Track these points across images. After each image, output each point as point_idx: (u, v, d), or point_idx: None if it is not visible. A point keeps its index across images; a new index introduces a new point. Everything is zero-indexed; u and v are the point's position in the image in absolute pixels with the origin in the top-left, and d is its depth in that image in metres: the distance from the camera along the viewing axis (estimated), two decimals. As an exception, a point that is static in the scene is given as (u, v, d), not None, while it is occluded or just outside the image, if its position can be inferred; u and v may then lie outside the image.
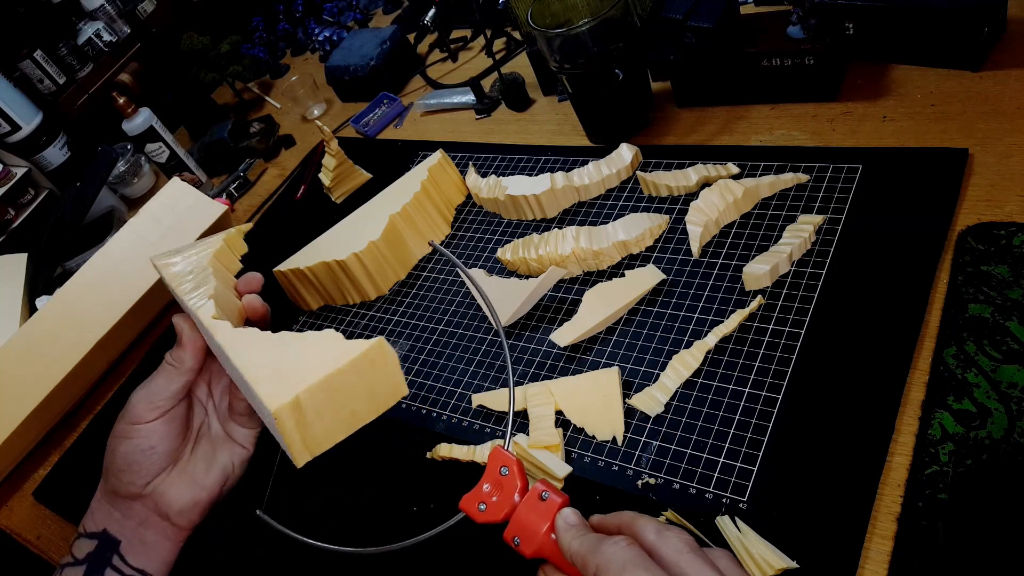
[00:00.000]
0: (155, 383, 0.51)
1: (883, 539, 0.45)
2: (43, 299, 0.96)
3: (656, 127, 0.79)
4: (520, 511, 0.42)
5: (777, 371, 0.54)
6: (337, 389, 0.43)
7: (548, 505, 0.41)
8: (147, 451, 0.49)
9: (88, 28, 1.25)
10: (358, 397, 0.44)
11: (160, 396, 0.50)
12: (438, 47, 1.14)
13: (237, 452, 0.52)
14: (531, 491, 0.43)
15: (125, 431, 0.50)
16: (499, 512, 0.43)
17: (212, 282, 0.52)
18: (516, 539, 0.42)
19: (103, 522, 0.50)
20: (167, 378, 0.51)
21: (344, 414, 0.44)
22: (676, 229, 0.68)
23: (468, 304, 0.72)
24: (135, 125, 1.08)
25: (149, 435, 0.50)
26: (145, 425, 0.50)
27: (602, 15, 0.68)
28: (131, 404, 0.50)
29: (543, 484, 0.43)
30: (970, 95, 0.65)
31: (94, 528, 0.50)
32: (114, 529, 0.50)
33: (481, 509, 0.44)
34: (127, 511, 0.50)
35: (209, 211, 0.91)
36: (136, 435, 0.50)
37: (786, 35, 0.70)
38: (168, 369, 0.51)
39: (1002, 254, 0.53)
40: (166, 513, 0.50)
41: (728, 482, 0.50)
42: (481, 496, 0.44)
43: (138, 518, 0.50)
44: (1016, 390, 0.47)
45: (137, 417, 0.50)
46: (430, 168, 0.81)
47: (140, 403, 0.50)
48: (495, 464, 0.45)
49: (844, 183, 0.63)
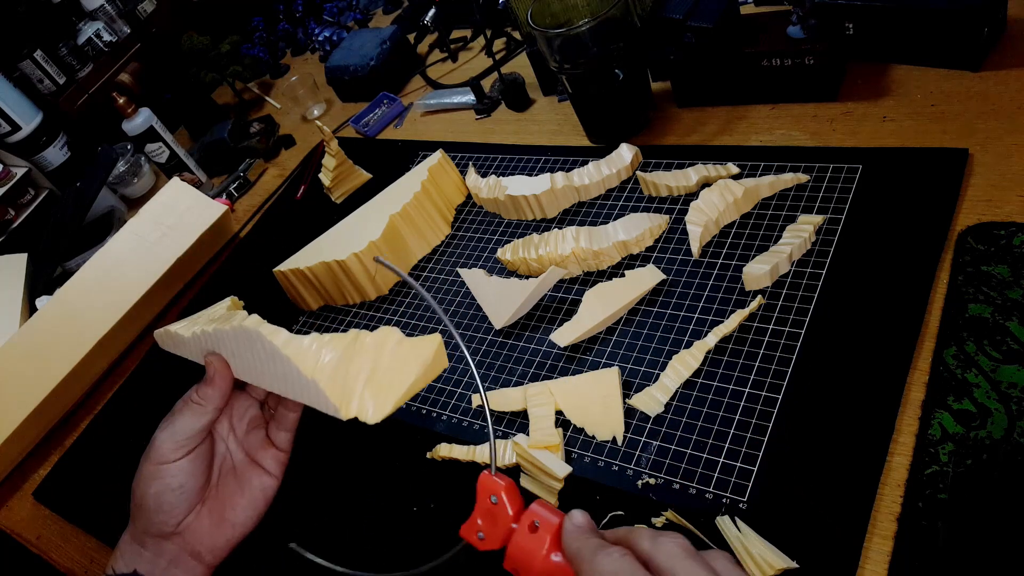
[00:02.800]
0: (179, 422, 0.50)
1: (883, 539, 0.45)
2: (43, 299, 0.96)
3: (656, 127, 0.79)
4: (514, 541, 0.41)
5: (777, 371, 0.54)
6: (410, 390, 0.44)
7: (541, 533, 0.40)
8: (176, 490, 0.49)
9: (88, 28, 1.26)
10: (418, 381, 0.45)
11: (185, 435, 0.50)
12: (438, 47, 1.14)
13: (267, 483, 0.52)
14: (524, 516, 0.42)
15: (153, 472, 0.50)
16: (497, 540, 0.42)
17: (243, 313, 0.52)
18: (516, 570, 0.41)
19: (133, 563, 0.50)
20: (193, 416, 0.50)
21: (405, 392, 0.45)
22: (676, 229, 0.68)
23: (468, 304, 0.72)
24: (135, 125, 1.08)
25: (177, 474, 0.50)
26: (172, 464, 0.50)
27: (602, 15, 0.68)
28: (155, 444, 0.50)
29: (539, 506, 0.42)
30: (970, 95, 0.65)
31: (124, 570, 0.50)
32: (144, 569, 0.50)
33: (480, 537, 0.43)
34: (158, 551, 0.50)
35: (209, 211, 0.92)
36: (165, 475, 0.49)
37: (786, 35, 0.70)
38: (193, 408, 0.51)
39: (1002, 254, 0.53)
40: (198, 551, 0.50)
41: (728, 482, 0.50)
42: (477, 526, 0.44)
43: (168, 556, 0.50)
44: (1016, 390, 0.47)
45: (163, 457, 0.50)
46: (430, 168, 0.81)
47: (165, 443, 0.50)
48: (484, 494, 0.44)
49: (844, 183, 0.63)
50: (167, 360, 0.87)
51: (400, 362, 0.45)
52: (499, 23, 1.04)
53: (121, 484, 0.51)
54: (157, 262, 0.88)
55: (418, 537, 0.57)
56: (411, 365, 0.44)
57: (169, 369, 0.86)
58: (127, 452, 0.80)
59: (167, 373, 0.86)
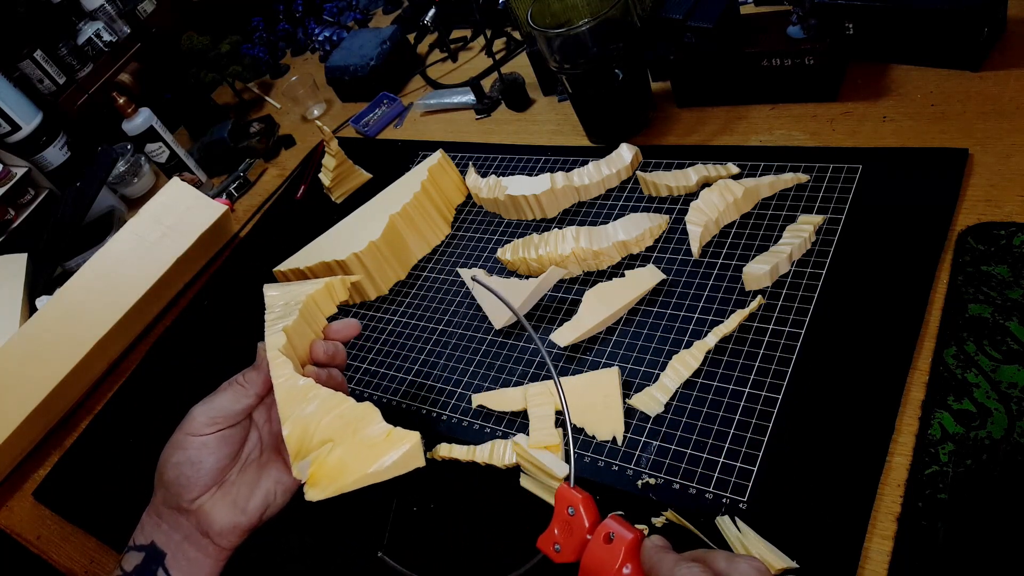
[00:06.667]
0: (219, 399, 0.52)
1: (883, 539, 0.45)
2: (43, 299, 0.96)
3: (656, 127, 0.79)
4: (589, 551, 0.42)
5: (777, 371, 0.54)
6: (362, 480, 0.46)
7: (616, 545, 0.41)
8: (195, 464, 0.50)
9: (88, 28, 1.26)
10: (377, 475, 0.47)
11: (221, 412, 0.51)
12: (438, 47, 1.14)
13: (283, 481, 0.53)
14: (599, 529, 0.42)
15: (179, 441, 0.51)
16: (572, 552, 0.43)
17: (294, 316, 0.53)
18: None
19: (151, 535, 0.51)
20: (232, 397, 0.52)
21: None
22: (676, 229, 0.68)
23: (468, 304, 0.72)
24: (135, 125, 1.08)
25: (200, 448, 0.50)
26: (199, 438, 0.50)
27: (602, 15, 0.68)
28: (191, 416, 0.51)
29: (614, 520, 0.43)
30: (970, 95, 0.65)
31: (143, 541, 0.51)
32: (161, 542, 0.51)
33: (557, 550, 0.44)
34: (174, 524, 0.51)
35: (209, 211, 0.92)
36: (189, 446, 0.50)
37: (786, 35, 0.70)
38: (236, 388, 0.52)
39: (1002, 254, 0.53)
40: (207, 531, 0.50)
41: (728, 482, 0.50)
42: (554, 537, 0.44)
43: (183, 532, 0.51)
44: (1016, 390, 0.47)
45: (194, 429, 0.50)
46: (430, 168, 0.81)
47: (200, 416, 0.51)
48: (562, 505, 0.45)
49: (844, 183, 0.63)
50: (167, 360, 0.87)
51: (367, 449, 0.46)
52: (499, 23, 1.04)
53: (121, 484, 0.51)
54: (157, 262, 0.88)
55: (418, 537, 0.57)
56: (375, 456, 0.46)
57: (169, 369, 0.87)
58: (127, 452, 0.80)
59: (167, 373, 0.86)
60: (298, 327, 0.54)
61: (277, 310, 0.55)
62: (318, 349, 0.55)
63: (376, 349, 0.73)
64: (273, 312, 0.55)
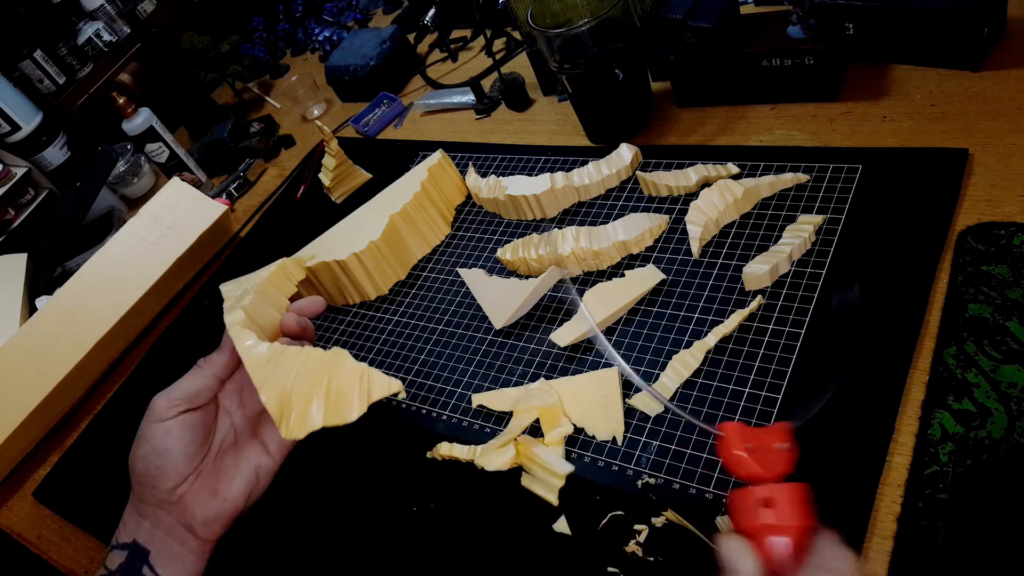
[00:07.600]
0: (177, 382, 0.52)
1: (883, 539, 0.45)
2: (43, 299, 0.96)
3: (656, 127, 0.79)
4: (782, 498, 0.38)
5: (777, 371, 0.54)
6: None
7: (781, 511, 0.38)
8: (162, 453, 0.49)
9: (88, 28, 1.26)
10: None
11: (179, 395, 0.51)
12: (438, 47, 1.14)
13: (264, 463, 0.52)
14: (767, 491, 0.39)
15: (143, 432, 0.50)
16: (754, 469, 0.40)
17: (251, 296, 0.53)
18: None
19: (133, 532, 0.50)
20: (191, 377, 0.52)
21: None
22: (676, 229, 0.68)
23: (468, 304, 0.72)
24: (135, 125, 1.08)
25: (164, 436, 0.50)
26: (161, 424, 0.50)
27: (602, 15, 0.68)
28: (151, 404, 0.51)
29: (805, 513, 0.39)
30: (970, 95, 0.65)
31: (126, 539, 0.50)
32: (143, 539, 0.50)
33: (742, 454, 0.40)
34: (155, 520, 0.50)
35: (209, 211, 0.92)
36: (152, 436, 0.50)
37: (786, 35, 0.70)
38: (195, 370, 0.52)
39: (1002, 254, 0.53)
40: (189, 524, 0.50)
41: (728, 482, 0.50)
42: (746, 447, 0.40)
43: (165, 527, 0.50)
44: (1016, 390, 0.47)
45: (155, 415, 0.50)
46: (430, 168, 0.81)
47: (160, 401, 0.51)
48: (771, 438, 0.41)
49: (844, 183, 0.63)
50: (167, 360, 0.87)
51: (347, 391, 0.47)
52: (499, 23, 1.04)
53: (121, 484, 0.51)
54: (157, 262, 0.88)
55: (418, 537, 0.57)
56: (356, 396, 0.46)
57: (169, 369, 0.86)
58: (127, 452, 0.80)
59: (167, 373, 0.85)
60: (257, 305, 0.53)
61: (233, 300, 0.55)
62: (289, 320, 0.54)
63: (376, 349, 0.73)
64: (229, 302, 0.55)
